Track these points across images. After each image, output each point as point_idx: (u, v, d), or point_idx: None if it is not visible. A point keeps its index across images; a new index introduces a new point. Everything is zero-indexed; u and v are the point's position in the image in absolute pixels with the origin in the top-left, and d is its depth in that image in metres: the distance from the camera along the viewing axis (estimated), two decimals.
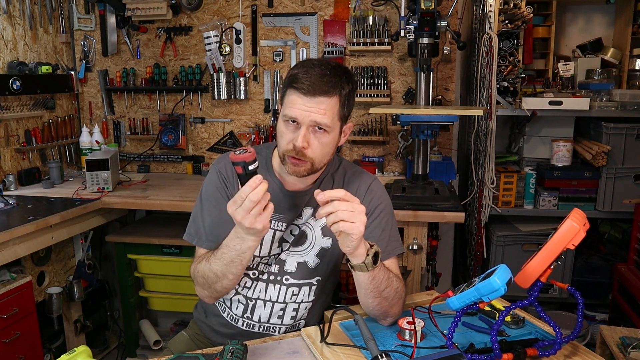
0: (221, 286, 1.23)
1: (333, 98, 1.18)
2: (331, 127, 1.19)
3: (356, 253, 1.09)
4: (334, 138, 1.23)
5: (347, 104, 1.23)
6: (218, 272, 1.20)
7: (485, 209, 2.57)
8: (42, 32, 2.68)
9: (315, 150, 1.20)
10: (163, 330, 2.85)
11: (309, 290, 1.36)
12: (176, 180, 2.74)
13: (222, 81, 2.76)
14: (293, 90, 1.18)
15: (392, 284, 1.18)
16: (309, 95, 1.16)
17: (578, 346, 1.13)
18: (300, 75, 1.17)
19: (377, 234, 1.30)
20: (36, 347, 2.04)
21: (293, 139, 1.18)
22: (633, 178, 2.58)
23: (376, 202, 1.32)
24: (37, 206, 2.14)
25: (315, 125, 1.18)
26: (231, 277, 1.20)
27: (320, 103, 1.16)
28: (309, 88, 1.15)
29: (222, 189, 1.32)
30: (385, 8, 2.60)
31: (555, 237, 1.01)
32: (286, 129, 1.21)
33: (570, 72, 2.80)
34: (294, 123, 1.19)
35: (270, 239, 1.32)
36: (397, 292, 1.19)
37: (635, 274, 2.39)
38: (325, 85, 1.16)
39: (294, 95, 1.17)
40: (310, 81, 1.15)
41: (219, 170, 1.34)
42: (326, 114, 1.17)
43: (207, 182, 1.35)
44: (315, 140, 1.19)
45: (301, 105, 1.16)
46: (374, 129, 2.68)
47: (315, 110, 1.16)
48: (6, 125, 2.44)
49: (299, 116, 1.16)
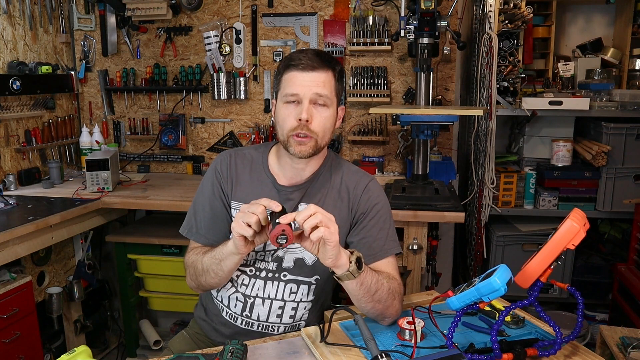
0: (205, 280, 1.29)
1: (329, 72, 1.26)
2: (331, 100, 1.26)
3: (339, 263, 1.10)
4: (332, 114, 1.29)
5: (340, 82, 1.30)
6: (206, 266, 1.26)
7: (485, 209, 2.57)
8: (42, 32, 2.68)
9: (319, 124, 1.25)
10: (163, 330, 2.85)
11: (308, 290, 1.36)
12: (176, 180, 2.74)
13: (222, 81, 2.76)
14: (291, 68, 1.24)
15: (382, 286, 1.17)
16: (307, 70, 1.23)
17: (578, 346, 1.13)
18: (295, 56, 1.26)
19: (374, 232, 1.30)
20: (36, 347, 2.04)
21: (297, 114, 1.23)
22: (633, 178, 2.58)
23: (373, 201, 1.33)
24: (37, 206, 2.14)
25: (317, 100, 1.24)
26: (213, 276, 1.26)
27: (319, 76, 1.23)
28: (307, 63, 1.23)
29: (216, 186, 1.37)
30: (385, 8, 2.60)
31: (555, 237, 1.01)
32: (287, 110, 1.26)
33: (570, 72, 2.80)
34: (294, 102, 1.24)
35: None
36: (390, 293, 1.19)
37: (635, 274, 2.39)
38: (320, 60, 1.24)
39: (292, 73, 1.24)
40: (306, 58, 1.24)
41: (215, 167, 1.39)
42: (325, 86, 1.24)
43: (205, 178, 1.41)
44: (318, 114, 1.25)
45: (301, 80, 1.23)
46: (374, 129, 2.68)
47: (315, 82, 1.23)
48: (6, 125, 2.45)
49: (300, 91, 1.23)
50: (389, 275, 1.24)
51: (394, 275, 1.27)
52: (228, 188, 1.37)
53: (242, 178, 1.37)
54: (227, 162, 1.39)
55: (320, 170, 1.36)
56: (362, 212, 1.33)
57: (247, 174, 1.37)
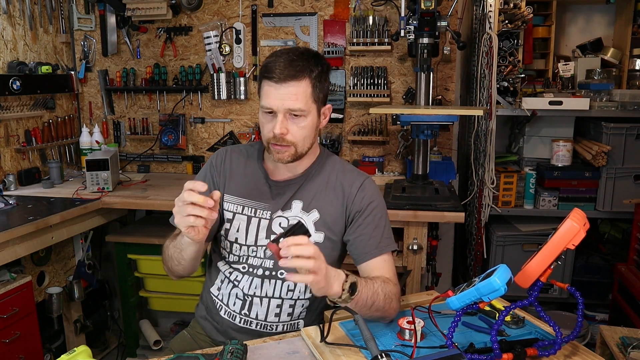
0: (171, 267, 1.32)
1: (303, 81, 1.24)
2: (306, 111, 1.26)
3: (331, 293, 1.07)
4: (312, 121, 1.29)
5: (319, 86, 1.28)
6: (170, 253, 1.30)
7: (485, 209, 2.57)
8: (42, 32, 2.68)
9: (296, 135, 1.27)
10: (163, 330, 2.85)
11: (305, 287, 1.36)
12: (176, 180, 2.74)
13: (222, 81, 2.76)
14: (266, 80, 1.26)
15: (378, 296, 1.16)
16: (280, 83, 1.23)
17: (578, 346, 1.13)
18: (269, 66, 1.25)
19: (369, 231, 1.31)
20: (36, 347, 2.04)
21: (272, 127, 1.25)
22: (633, 178, 2.58)
23: (368, 199, 1.34)
24: (37, 206, 2.14)
25: (291, 112, 1.24)
26: (177, 264, 1.30)
27: (291, 90, 1.23)
28: (279, 76, 1.22)
29: (208, 177, 1.41)
30: (385, 8, 2.60)
31: (555, 237, 1.01)
32: (265, 119, 1.29)
33: (570, 72, 2.80)
34: (271, 113, 1.26)
35: (256, 227, 1.34)
36: (387, 299, 1.18)
37: (635, 274, 2.39)
38: (293, 70, 1.23)
39: (267, 86, 1.26)
40: (279, 69, 1.22)
41: (211, 161, 1.43)
42: (298, 99, 1.24)
43: (199, 172, 1.46)
44: (294, 125, 1.26)
45: (274, 94, 1.24)
46: (374, 129, 2.68)
47: (287, 97, 1.23)
48: (6, 125, 2.45)
49: (274, 105, 1.24)
50: (383, 280, 1.22)
51: (389, 277, 1.27)
52: (221, 181, 1.40)
53: (235, 171, 1.40)
54: (222, 157, 1.43)
55: (314, 166, 1.38)
56: (358, 211, 1.33)
57: (241, 167, 1.40)
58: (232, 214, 1.37)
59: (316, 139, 1.36)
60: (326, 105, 1.35)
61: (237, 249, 1.36)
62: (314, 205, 1.34)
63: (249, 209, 1.36)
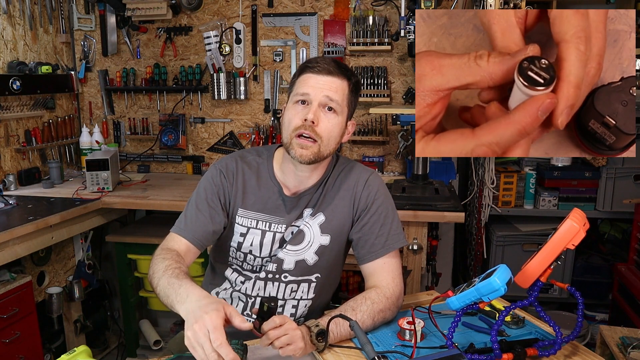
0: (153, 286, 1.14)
1: (344, 81, 1.24)
2: (341, 107, 1.24)
3: (307, 350, 1.07)
4: (340, 124, 1.27)
5: (354, 94, 1.28)
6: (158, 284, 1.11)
7: (485, 209, 2.57)
8: (42, 32, 2.68)
9: (324, 129, 1.23)
10: (163, 330, 2.85)
11: (308, 287, 1.36)
12: (176, 180, 2.74)
13: (222, 81, 2.76)
14: (307, 70, 1.24)
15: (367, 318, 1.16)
16: (322, 74, 1.22)
17: (578, 346, 1.13)
18: (312, 60, 1.26)
19: (375, 229, 1.30)
20: (36, 347, 2.04)
21: (304, 114, 1.21)
22: (633, 178, 2.58)
23: (373, 197, 1.32)
24: (37, 206, 2.14)
25: (326, 104, 1.22)
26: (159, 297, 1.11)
27: (333, 81, 1.22)
28: (323, 66, 1.22)
29: (219, 186, 1.32)
30: (385, 8, 2.60)
31: (555, 237, 1.01)
32: (295, 110, 1.24)
33: None
34: (303, 104, 1.23)
35: (271, 240, 1.33)
36: (380, 313, 1.19)
37: (635, 274, 2.39)
38: (337, 67, 1.23)
39: (307, 74, 1.23)
40: (324, 62, 1.23)
41: (220, 169, 1.34)
42: (338, 92, 1.23)
43: (205, 177, 1.35)
44: (325, 118, 1.23)
45: (315, 81, 1.22)
46: (374, 129, 2.68)
47: (327, 86, 1.21)
48: (6, 125, 2.44)
49: (312, 92, 1.21)
50: (374, 292, 1.22)
51: (384, 284, 1.25)
52: (234, 194, 1.32)
53: (249, 185, 1.33)
54: (233, 167, 1.34)
55: (326, 175, 1.34)
56: (363, 209, 1.32)
57: (254, 181, 1.33)
58: (247, 229, 1.33)
59: (336, 149, 1.30)
60: (351, 120, 1.32)
61: (251, 259, 1.35)
62: (321, 209, 1.33)
63: (264, 224, 1.33)
